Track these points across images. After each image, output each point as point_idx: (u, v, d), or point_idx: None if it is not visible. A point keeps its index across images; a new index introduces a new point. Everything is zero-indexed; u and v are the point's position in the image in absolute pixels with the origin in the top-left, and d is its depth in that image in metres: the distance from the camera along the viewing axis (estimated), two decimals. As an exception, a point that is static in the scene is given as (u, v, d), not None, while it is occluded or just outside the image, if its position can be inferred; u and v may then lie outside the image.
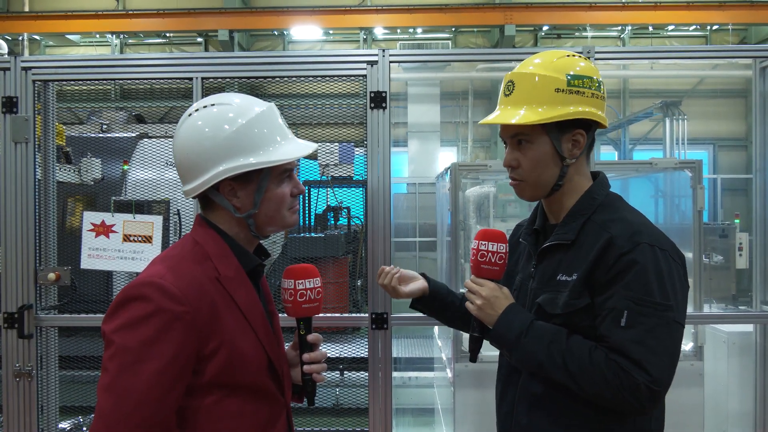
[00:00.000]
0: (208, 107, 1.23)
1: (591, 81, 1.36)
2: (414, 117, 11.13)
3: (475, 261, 1.41)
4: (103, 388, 1.08)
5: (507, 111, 1.38)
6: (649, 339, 1.23)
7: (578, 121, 1.36)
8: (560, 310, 1.33)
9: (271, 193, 1.25)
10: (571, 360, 1.27)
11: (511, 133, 1.40)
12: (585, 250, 1.33)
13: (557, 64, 1.36)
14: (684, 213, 3.40)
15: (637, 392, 1.22)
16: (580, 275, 1.31)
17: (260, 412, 1.23)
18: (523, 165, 1.39)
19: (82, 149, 5.09)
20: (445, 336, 3.93)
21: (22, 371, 2.41)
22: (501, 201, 6.02)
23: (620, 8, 10.45)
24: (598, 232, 1.33)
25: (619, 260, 1.27)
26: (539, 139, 1.36)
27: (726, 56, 3.21)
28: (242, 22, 10.81)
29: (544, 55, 1.41)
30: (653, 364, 1.22)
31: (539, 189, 1.40)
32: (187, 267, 1.18)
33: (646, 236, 1.29)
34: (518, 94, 1.37)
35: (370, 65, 2.40)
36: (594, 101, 1.37)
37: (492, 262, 1.39)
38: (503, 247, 1.40)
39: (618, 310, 1.26)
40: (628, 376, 1.22)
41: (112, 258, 2.53)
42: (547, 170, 1.37)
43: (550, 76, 1.34)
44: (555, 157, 1.37)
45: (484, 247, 1.40)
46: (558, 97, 1.34)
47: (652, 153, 10.90)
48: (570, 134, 1.36)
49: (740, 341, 3.48)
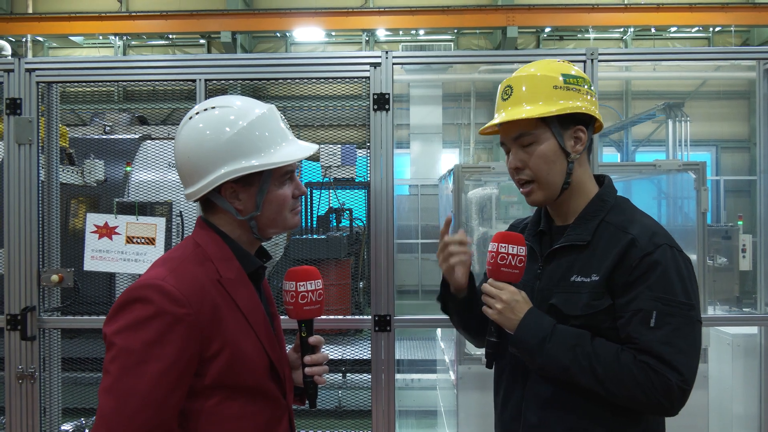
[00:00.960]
0: (208, 110, 1.23)
1: (584, 81, 1.40)
2: (416, 118, 11.15)
3: (495, 264, 1.37)
4: (105, 391, 1.08)
5: (507, 112, 1.39)
6: (678, 339, 1.25)
7: (578, 120, 1.38)
8: (580, 311, 1.33)
9: (273, 195, 1.25)
10: (598, 363, 1.26)
11: (514, 135, 1.40)
12: (602, 251, 1.34)
13: (552, 67, 1.40)
14: (687, 215, 3.39)
15: (670, 393, 1.23)
16: (602, 276, 1.32)
17: (262, 414, 1.23)
18: (531, 164, 1.39)
19: (85, 151, 5.10)
20: (448, 338, 3.93)
21: (24, 373, 2.41)
22: (503, 203, 6.02)
23: (622, 10, 10.45)
24: (616, 233, 1.34)
25: (641, 261, 1.29)
26: (543, 135, 1.37)
27: (729, 58, 3.20)
28: (245, 23, 10.83)
29: (540, 62, 1.44)
30: (683, 364, 1.24)
31: (550, 189, 1.40)
32: (188, 269, 1.18)
33: (663, 238, 1.32)
34: (516, 95, 1.39)
35: (374, 67, 2.39)
36: (590, 100, 1.40)
37: (512, 265, 1.36)
38: (523, 250, 1.37)
39: (647, 311, 1.27)
40: (660, 377, 1.23)
41: (115, 260, 2.53)
42: (554, 166, 1.38)
43: (547, 75, 1.38)
44: (560, 152, 1.38)
45: (504, 250, 1.36)
46: (556, 92, 1.37)
47: (655, 155, 10.89)
48: (571, 130, 1.39)
49: (745, 343, 3.47)
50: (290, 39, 12.42)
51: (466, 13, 10.63)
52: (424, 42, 12.18)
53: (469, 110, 11.97)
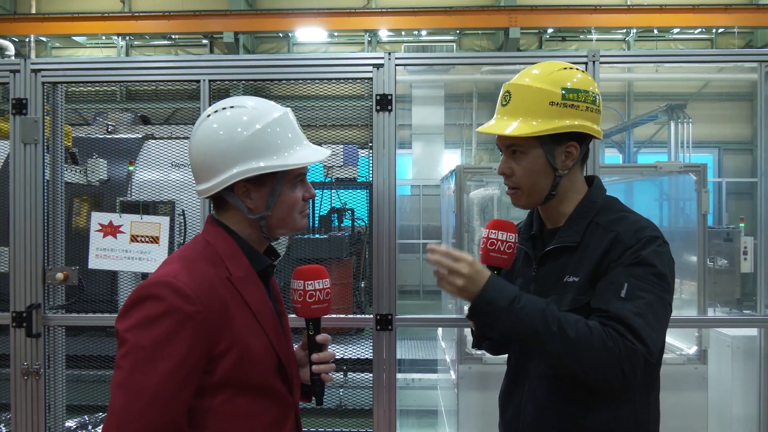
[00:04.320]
0: (226, 109, 1.25)
1: (586, 94, 1.39)
2: (418, 119, 11.14)
3: (484, 249, 1.41)
4: (117, 386, 1.10)
5: (502, 121, 1.41)
6: (648, 313, 1.26)
7: (572, 134, 1.39)
8: (566, 307, 1.35)
9: (285, 197, 1.27)
10: (568, 326, 1.24)
11: (506, 143, 1.43)
12: (591, 250, 1.37)
13: (553, 77, 1.39)
14: (688, 216, 3.40)
15: (634, 361, 1.22)
16: (586, 273, 1.35)
17: (269, 411, 1.25)
18: (517, 174, 1.42)
19: (89, 150, 5.13)
20: (449, 338, 3.94)
21: (30, 370, 2.43)
22: (505, 203, 6.03)
23: (625, 11, 10.45)
24: (603, 232, 1.37)
25: (624, 254, 1.32)
26: (532, 150, 1.39)
27: (730, 60, 3.22)
28: (247, 24, 10.85)
29: (542, 66, 1.43)
30: (651, 337, 1.24)
31: (533, 197, 1.44)
32: (199, 267, 1.20)
33: (649, 231, 1.35)
34: (514, 105, 1.41)
35: (376, 68, 2.41)
36: (588, 114, 1.40)
37: (501, 250, 1.40)
38: (512, 236, 1.41)
39: (618, 282, 1.29)
40: (627, 343, 1.23)
41: (120, 258, 2.55)
42: (539, 180, 1.41)
43: (546, 89, 1.37)
44: (548, 168, 1.40)
45: (494, 236, 1.40)
46: (552, 110, 1.37)
47: (657, 156, 10.88)
48: (563, 146, 1.40)
49: (744, 345, 3.47)
50: (293, 39, 12.44)
51: (469, 13, 10.63)
52: (426, 42, 12.18)
53: (471, 111, 11.97)
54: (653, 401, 1.40)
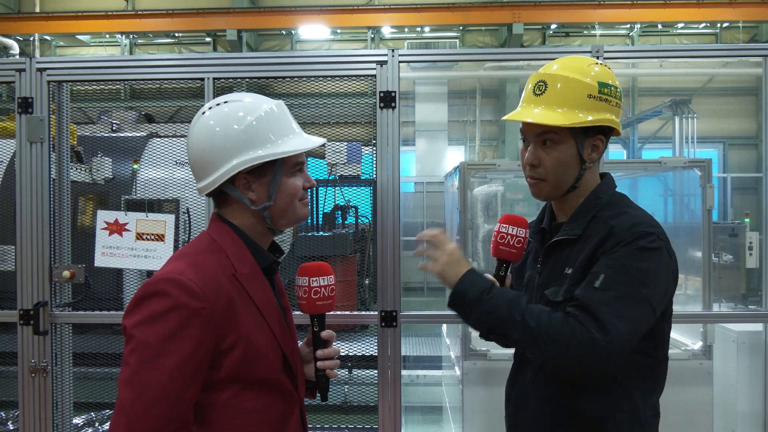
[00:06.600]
0: (220, 105, 1.27)
1: (616, 90, 1.42)
2: (422, 116, 11.12)
3: (495, 242, 1.48)
4: (124, 382, 1.11)
5: (541, 111, 1.40)
6: (617, 303, 1.26)
7: (599, 127, 1.41)
8: (561, 297, 1.37)
9: (285, 185, 1.29)
10: (530, 316, 1.28)
11: (537, 132, 1.42)
12: (588, 242, 1.38)
13: (589, 72, 1.41)
14: (693, 212, 3.38)
15: (590, 349, 1.23)
16: (579, 264, 1.36)
17: (275, 406, 1.26)
18: (546, 164, 1.42)
19: (93, 149, 5.15)
20: (454, 335, 3.95)
21: (37, 367, 2.45)
22: (509, 200, 6.02)
23: (629, 6, 10.37)
24: (602, 226, 1.38)
25: (614, 247, 1.32)
26: (567, 141, 1.40)
27: (735, 55, 3.19)
28: (250, 21, 10.86)
29: (573, 60, 1.44)
30: (614, 325, 1.24)
31: (558, 189, 1.44)
32: (205, 263, 1.21)
33: (644, 226, 1.34)
34: (552, 95, 1.40)
35: (380, 65, 2.41)
36: (617, 110, 1.43)
37: (510, 244, 1.46)
38: (523, 231, 1.46)
39: (596, 273, 1.30)
40: (584, 332, 1.23)
41: (125, 256, 2.56)
42: (568, 171, 1.42)
43: (584, 82, 1.39)
44: (577, 159, 1.42)
45: (504, 230, 1.47)
46: (590, 102, 1.39)
47: (661, 152, 10.82)
48: (592, 139, 1.42)
49: (750, 340, 3.46)
50: (296, 37, 12.43)
51: (472, 10, 10.59)
52: (429, 39, 12.16)
53: (474, 107, 11.95)
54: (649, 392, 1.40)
